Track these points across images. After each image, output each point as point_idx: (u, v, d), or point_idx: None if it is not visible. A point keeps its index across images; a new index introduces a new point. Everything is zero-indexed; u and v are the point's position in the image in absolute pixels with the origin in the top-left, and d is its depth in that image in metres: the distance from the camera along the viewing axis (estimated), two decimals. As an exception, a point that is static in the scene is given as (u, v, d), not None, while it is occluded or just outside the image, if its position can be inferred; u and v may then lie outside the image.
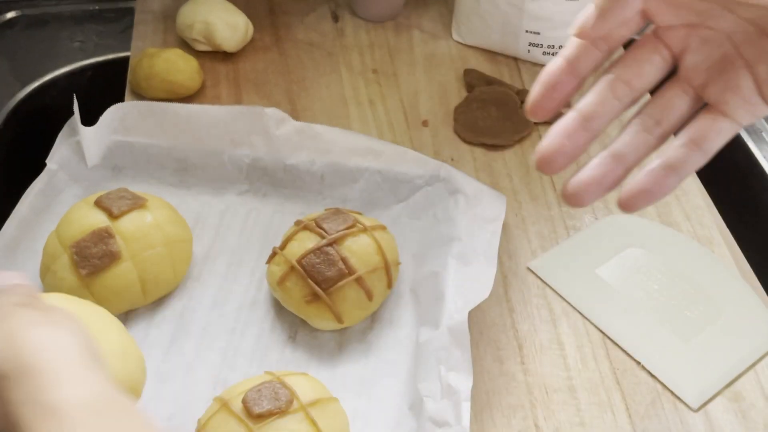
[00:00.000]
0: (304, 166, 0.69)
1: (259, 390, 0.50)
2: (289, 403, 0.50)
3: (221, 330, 0.61)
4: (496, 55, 0.87)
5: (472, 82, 0.83)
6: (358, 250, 0.59)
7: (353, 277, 0.58)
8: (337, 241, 0.59)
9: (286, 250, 0.60)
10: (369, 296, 0.59)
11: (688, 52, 0.41)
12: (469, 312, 0.56)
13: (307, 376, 0.54)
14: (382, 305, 0.62)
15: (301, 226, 0.61)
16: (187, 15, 0.82)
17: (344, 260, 0.58)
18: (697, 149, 0.39)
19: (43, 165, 0.66)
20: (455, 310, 0.57)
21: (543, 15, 0.81)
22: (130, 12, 0.92)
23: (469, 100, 0.80)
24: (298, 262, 0.58)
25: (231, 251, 0.66)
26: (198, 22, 0.81)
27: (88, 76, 0.89)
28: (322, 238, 0.59)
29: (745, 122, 0.40)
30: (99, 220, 0.59)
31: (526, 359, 0.60)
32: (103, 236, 0.58)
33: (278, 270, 0.60)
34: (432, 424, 0.52)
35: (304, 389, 0.51)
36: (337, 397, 0.54)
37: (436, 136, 0.77)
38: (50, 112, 0.85)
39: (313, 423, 0.50)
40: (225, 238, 0.67)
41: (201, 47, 0.83)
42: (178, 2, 0.89)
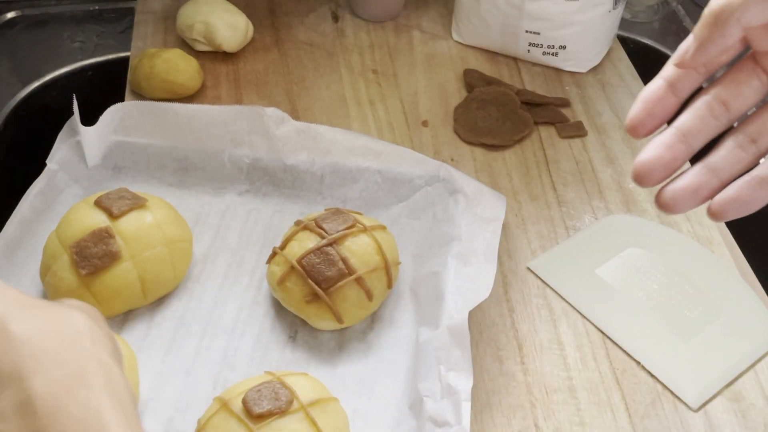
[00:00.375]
0: (304, 166, 0.69)
1: (259, 390, 0.50)
2: (289, 403, 0.50)
3: (221, 330, 0.61)
4: (496, 55, 0.87)
5: (472, 82, 0.83)
6: (358, 250, 0.59)
7: (353, 277, 0.58)
8: (337, 241, 0.59)
9: (286, 250, 0.60)
10: (369, 296, 0.59)
11: None
12: (469, 312, 0.56)
13: (307, 376, 0.54)
14: (382, 305, 0.62)
15: (301, 226, 0.61)
16: (188, 15, 0.83)
17: (344, 260, 0.58)
18: None
19: (43, 165, 0.66)
20: (455, 310, 0.57)
21: (543, 15, 0.81)
22: (130, 12, 0.92)
23: (469, 100, 0.80)
24: (298, 262, 0.58)
25: (231, 251, 0.66)
26: (198, 23, 0.81)
27: (88, 76, 0.89)
28: (322, 238, 0.59)
29: None
30: (99, 220, 0.59)
31: (526, 359, 0.60)
32: (103, 236, 0.58)
33: (278, 270, 0.60)
34: (432, 424, 0.52)
35: (304, 389, 0.51)
36: (337, 397, 0.54)
37: (436, 136, 0.77)
38: (50, 112, 0.85)
39: (313, 423, 0.50)
40: (225, 238, 0.67)
41: (201, 47, 0.83)
42: (178, 2, 0.89)
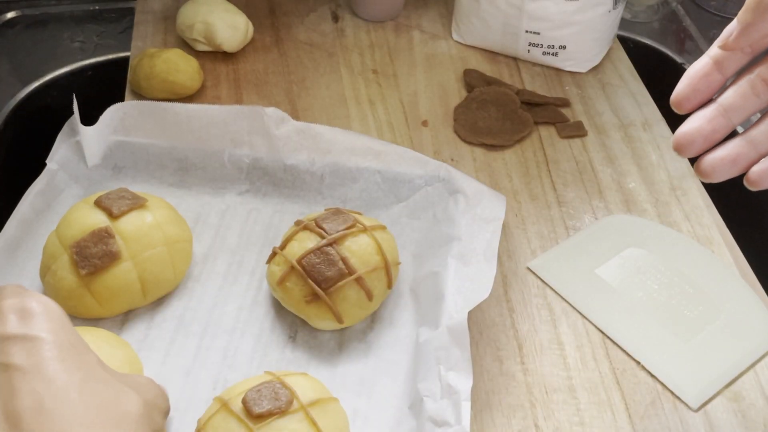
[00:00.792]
0: (304, 166, 0.69)
1: (259, 390, 0.50)
2: (289, 403, 0.50)
3: (221, 330, 0.61)
4: (496, 55, 0.87)
5: (472, 82, 0.83)
6: (358, 250, 0.59)
7: (353, 277, 0.58)
8: (337, 241, 0.59)
9: (286, 250, 0.60)
10: (369, 296, 0.59)
11: None
12: (469, 312, 0.56)
13: (307, 376, 0.54)
14: (382, 305, 0.62)
15: (301, 226, 0.61)
16: (188, 15, 0.83)
17: (344, 260, 0.58)
18: None
19: (43, 165, 0.66)
20: (455, 310, 0.57)
21: (543, 15, 0.81)
22: (130, 12, 0.92)
23: (469, 100, 0.80)
24: (298, 262, 0.58)
25: (231, 251, 0.66)
26: (198, 23, 0.81)
27: (88, 76, 0.89)
28: (322, 238, 0.59)
29: None
30: (99, 220, 0.59)
31: (526, 359, 0.60)
32: (103, 236, 0.58)
33: (278, 270, 0.60)
34: (432, 424, 0.52)
35: (304, 389, 0.51)
36: (337, 397, 0.54)
37: (436, 136, 0.77)
38: (50, 112, 0.85)
39: (313, 423, 0.50)
40: (225, 238, 0.67)
41: (201, 47, 0.83)
42: (178, 2, 0.89)
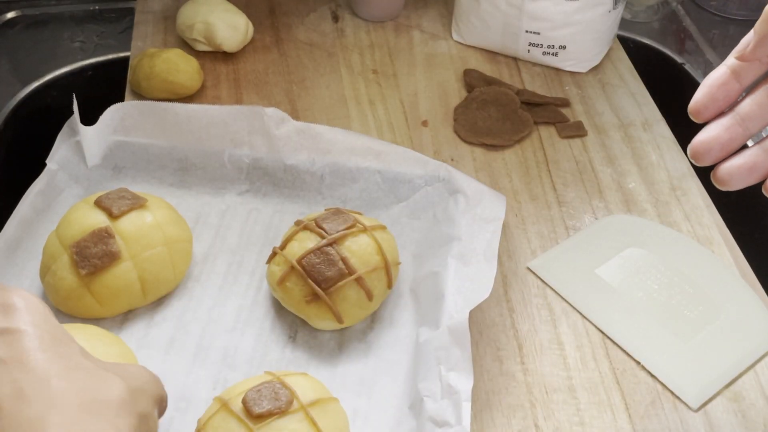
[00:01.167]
0: (304, 166, 0.69)
1: (259, 390, 0.50)
2: (289, 403, 0.50)
3: (221, 330, 0.61)
4: (496, 55, 0.87)
5: (472, 82, 0.83)
6: (358, 250, 0.59)
7: (353, 277, 0.58)
8: (337, 241, 0.59)
9: (286, 250, 0.60)
10: (369, 296, 0.59)
11: None
12: (469, 312, 0.56)
13: (307, 376, 0.54)
14: (382, 305, 0.62)
15: (301, 226, 0.61)
16: (188, 15, 0.83)
17: (344, 260, 0.58)
18: None
19: (43, 165, 0.66)
20: (455, 310, 0.57)
21: (543, 15, 0.81)
22: (130, 12, 0.92)
23: (469, 100, 0.80)
24: (298, 262, 0.58)
25: (231, 251, 0.66)
26: (198, 23, 0.81)
27: (88, 76, 0.89)
28: (322, 238, 0.59)
29: None
30: (99, 220, 0.59)
31: (526, 359, 0.60)
32: (103, 236, 0.58)
33: (278, 270, 0.60)
34: (432, 424, 0.52)
35: (304, 389, 0.51)
36: (337, 397, 0.54)
37: (436, 136, 0.77)
38: (50, 112, 0.85)
39: (313, 423, 0.50)
40: (225, 238, 0.67)
41: (201, 47, 0.83)
42: (178, 2, 0.89)
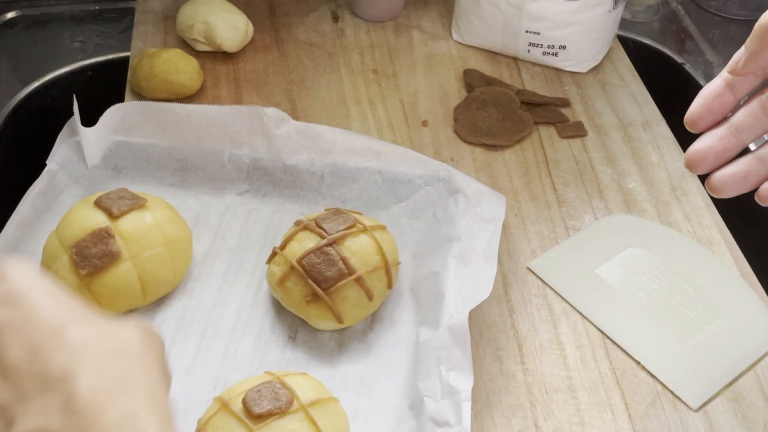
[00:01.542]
0: (304, 166, 0.69)
1: (259, 390, 0.50)
2: (289, 403, 0.50)
3: (221, 330, 0.61)
4: (496, 55, 0.87)
5: (472, 82, 0.83)
6: (358, 250, 0.59)
7: (353, 277, 0.58)
8: (337, 241, 0.59)
9: (286, 250, 0.60)
10: (369, 296, 0.59)
11: None
12: (469, 312, 0.56)
13: (307, 376, 0.54)
14: (382, 305, 0.62)
15: (301, 226, 0.61)
16: (188, 15, 0.83)
17: (344, 260, 0.58)
18: None
19: (43, 165, 0.66)
20: (455, 310, 0.57)
21: (543, 15, 0.81)
22: (130, 12, 0.92)
23: (469, 100, 0.80)
24: (298, 262, 0.58)
25: (231, 251, 0.66)
26: (198, 23, 0.81)
27: (88, 76, 0.89)
28: (322, 238, 0.59)
29: None
30: (99, 220, 0.59)
31: (526, 359, 0.60)
32: (103, 236, 0.58)
33: (278, 270, 0.60)
34: (432, 424, 0.52)
35: (304, 389, 0.51)
36: (337, 397, 0.54)
37: (436, 136, 0.77)
38: (50, 112, 0.85)
39: (313, 423, 0.50)
40: (225, 238, 0.67)
41: (201, 47, 0.83)
42: (178, 2, 0.89)
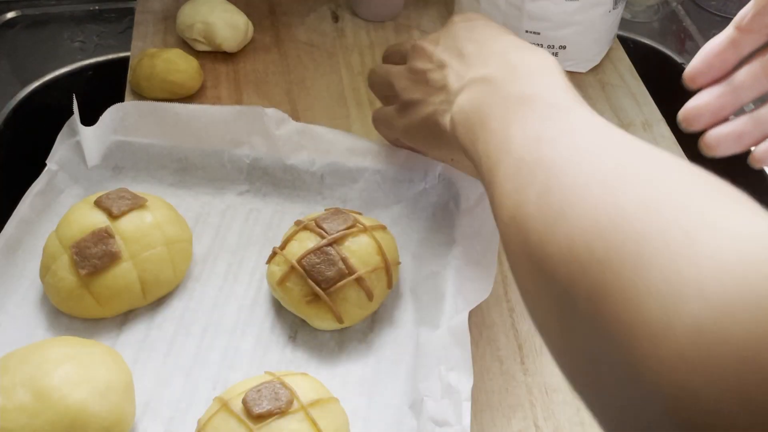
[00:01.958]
0: (304, 166, 0.69)
1: (259, 390, 0.50)
2: (290, 403, 0.50)
3: (221, 330, 0.61)
4: (496, 55, 0.87)
5: (472, 82, 0.82)
6: (358, 250, 0.59)
7: (353, 277, 0.58)
8: (337, 241, 0.59)
9: (286, 250, 0.60)
10: (369, 296, 0.59)
11: None
12: (469, 312, 0.56)
13: (307, 376, 0.54)
14: (383, 305, 0.62)
15: (301, 226, 0.61)
16: (188, 15, 0.83)
17: (344, 260, 0.58)
18: None
19: (43, 165, 0.66)
20: (455, 310, 0.57)
21: (543, 15, 0.81)
22: (130, 12, 0.92)
23: (469, 100, 0.80)
24: (298, 262, 0.58)
25: (231, 251, 0.66)
26: (198, 23, 0.81)
27: (88, 76, 0.89)
28: (322, 238, 0.59)
29: None
30: (99, 220, 0.60)
31: (526, 359, 0.60)
32: (103, 236, 0.58)
33: (278, 270, 0.60)
34: (432, 424, 0.52)
35: (304, 389, 0.51)
36: (337, 397, 0.54)
37: (436, 136, 0.77)
38: (50, 112, 0.85)
39: (314, 423, 0.50)
40: (225, 238, 0.67)
41: (201, 47, 0.83)
42: (178, 2, 0.89)
